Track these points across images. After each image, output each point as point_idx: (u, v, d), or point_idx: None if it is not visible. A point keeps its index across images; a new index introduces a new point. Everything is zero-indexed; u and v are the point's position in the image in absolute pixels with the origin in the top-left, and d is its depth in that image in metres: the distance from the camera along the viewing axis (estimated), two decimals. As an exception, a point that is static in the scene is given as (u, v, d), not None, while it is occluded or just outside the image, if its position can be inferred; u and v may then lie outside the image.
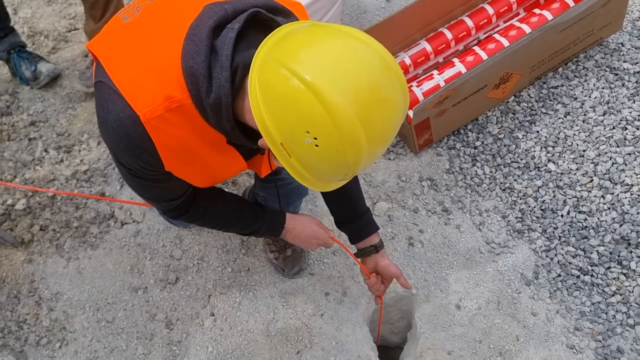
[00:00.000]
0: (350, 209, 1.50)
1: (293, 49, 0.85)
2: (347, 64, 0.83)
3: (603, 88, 2.07)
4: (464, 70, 1.97)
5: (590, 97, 2.06)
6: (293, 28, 0.91)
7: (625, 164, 1.89)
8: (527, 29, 2.00)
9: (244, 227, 1.40)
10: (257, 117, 0.88)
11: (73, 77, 2.43)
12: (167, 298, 1.81)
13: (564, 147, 1.99)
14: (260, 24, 0.97)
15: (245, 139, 1.02)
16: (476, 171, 2.00)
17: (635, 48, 2.18)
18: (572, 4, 2.00)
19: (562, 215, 1.87)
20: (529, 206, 1.91)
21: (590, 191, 1.88)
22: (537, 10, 2.08)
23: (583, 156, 1.95)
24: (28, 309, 1.80)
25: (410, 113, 1.88)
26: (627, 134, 1.95)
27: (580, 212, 1.86)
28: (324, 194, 1.51)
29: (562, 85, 2.12)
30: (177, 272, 1.86)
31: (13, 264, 1.89)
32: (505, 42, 1.99)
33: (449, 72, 2.00)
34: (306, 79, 0.81)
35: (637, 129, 1.96)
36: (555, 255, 1.81)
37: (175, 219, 1.35)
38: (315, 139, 0.84)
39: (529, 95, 2.12)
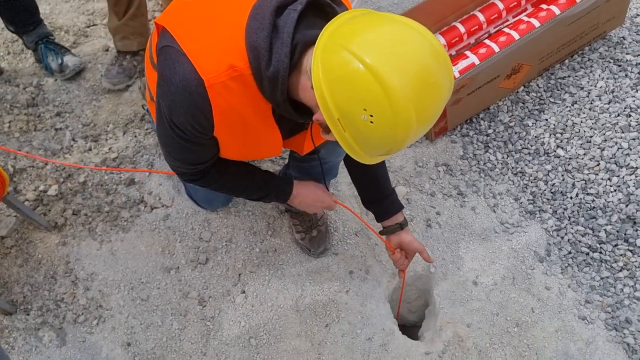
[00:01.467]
0: (377, 190, 1.60)
1: (354, 33, 0.95)
2: (403, 49, 0.93)
3: (608, 78, 2.20)
4: (477, 61, 2.08)
5: (595, 86, 2.19)
6: (353, 15, 1.01)
7: (630, 149, 2.02)
8: (535, 22, 2.12)
9: (253, 193, 1.49)
10: (318, 94, 0.97)
11: (95, 70, 2.51)
12: (199, 277, 1.90)
13: (572, 133, 2.11)
14: (319, 9, 1.07)
15: (294, 113, 1.12)
16: (489, 157, 2.11)
17: (636, 41, 2.31)
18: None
19: (571, 197, 1.98)
20: (540, 189, 2.02)
21: (597, 174, 2.00)
22: (544, 6, 2.20)
23: (590, 142, 2.07)
24: (65, 288, 1.87)
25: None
26: (631, 120, 2.08)
27: (588, 194, 1.98)
28: (353, 177, 1.63)
29: (569, 76, 2.24)
30: (207, 253, 1.94)
31: (48, 246, 1.96)
32: (515, 35, 2.10)
33: (462, 64, 2.10)
34: (366, 62, 0.90)
35: (641, 115, 2.09)
36: (566, 234, 1.92)
37: (192, 182, 1.43)
38: (371, 116, 0.93)
39: (537, 85, 2.24)
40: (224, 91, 1.08)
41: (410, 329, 2.12)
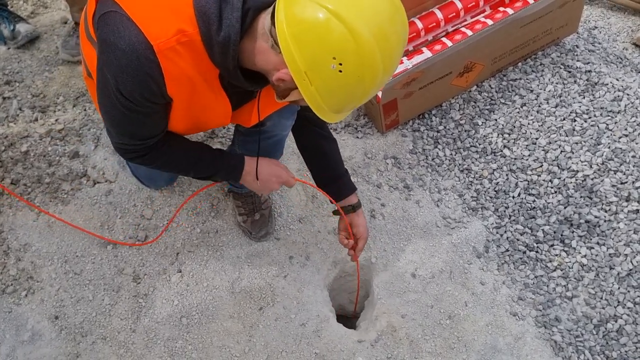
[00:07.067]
0: (330, 171, 1.61)
1: None
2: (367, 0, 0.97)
3: (557, 83, 2.25)
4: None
5: (544, 90, 2.23)
6: None
7: (572, 152, 2.06)
8: (490, 23, 2.14)
9: (201, 170, 1.42)
10: (284, 48, 0.98)
11: (51, 42, 2.46)
12: (136, 254, 1.87)
13: (519, 134, 2.14)
14: None
15: (244, 81, 1.13)
16: (437, 153, 2.14)
17: (589, 51, 2.37)
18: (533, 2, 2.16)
19: (513, 197, 2.01)
20: (484, 187, 2.05)
21: (540, 175, 2.04)
22: (501, 8, 2.23)
23: (535, 143, 2.11)
24: (-5, 258, 1.82)
25: (379, 93, 2.00)
26: (575, 125, 2.12)
27: (529, 194, 2.01)
28: (306, 157, 1.64)
29: (520, 79, 2.28)
30: (146, 230, 1.91)
31: (-18, 215, 1.91)
32: (470, 34, 2.12)
33: (417, 59, 2.11)
34: (334, 10, 0.94)
35: (585, 121, 2.14)
36: (505, 232, 1.95)
37: (136, 160, 1.36)
38: (340, 64, 0.96)
39: (489, 85, 2.28)
40: (174, 56, 1.06)
41: (351, 321, 2.13)
